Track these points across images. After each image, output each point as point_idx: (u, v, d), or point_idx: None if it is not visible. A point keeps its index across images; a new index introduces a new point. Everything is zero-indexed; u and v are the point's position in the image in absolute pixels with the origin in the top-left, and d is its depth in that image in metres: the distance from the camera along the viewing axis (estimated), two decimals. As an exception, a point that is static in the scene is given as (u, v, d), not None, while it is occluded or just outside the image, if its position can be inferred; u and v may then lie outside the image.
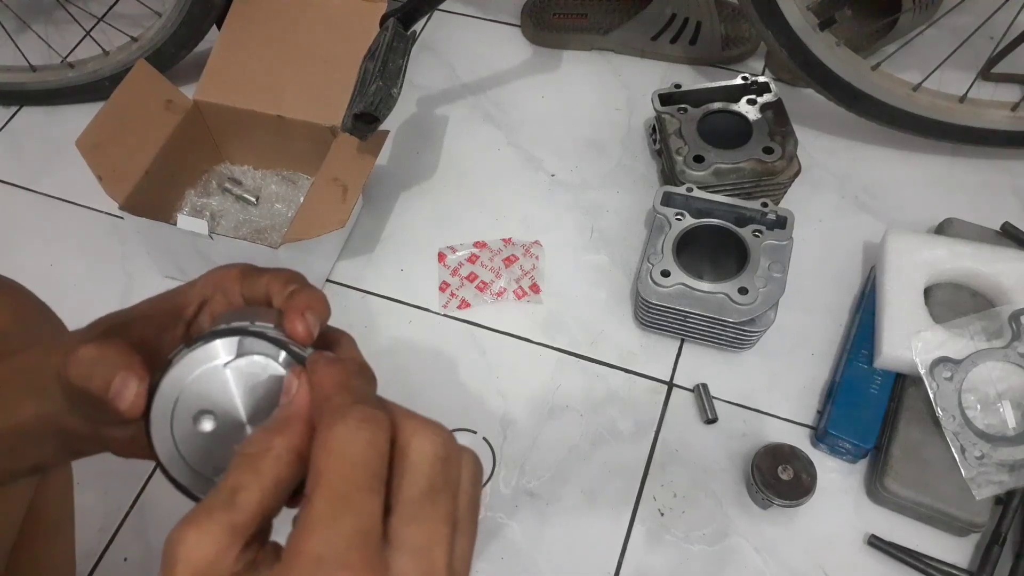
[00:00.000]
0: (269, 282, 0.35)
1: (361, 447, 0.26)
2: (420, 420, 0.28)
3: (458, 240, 0.99)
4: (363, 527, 0.25)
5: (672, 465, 0.83)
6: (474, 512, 0.29)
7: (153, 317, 0.35)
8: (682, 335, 0.90)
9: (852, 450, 0.79)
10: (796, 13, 0.89)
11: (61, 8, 1.19)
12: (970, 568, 0.75)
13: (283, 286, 0.34)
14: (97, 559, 0.81)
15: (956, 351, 0.77)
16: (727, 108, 0.95)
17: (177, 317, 0.36)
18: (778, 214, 0.86)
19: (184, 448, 0.31)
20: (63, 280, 0.99)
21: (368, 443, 0.26)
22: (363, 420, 0.26)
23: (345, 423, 0.26)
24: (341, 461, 0.26)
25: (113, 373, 0.31)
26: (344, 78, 0.88)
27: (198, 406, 0.30)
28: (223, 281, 0.36)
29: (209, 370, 0.30)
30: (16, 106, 1.18)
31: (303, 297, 0.33)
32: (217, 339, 0.30)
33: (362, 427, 0.26)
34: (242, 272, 0.36)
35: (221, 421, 0.31)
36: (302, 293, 0.33)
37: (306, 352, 0.31)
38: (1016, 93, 1.02)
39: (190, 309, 0.36)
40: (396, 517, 0.26)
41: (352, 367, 0.30)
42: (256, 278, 0.36)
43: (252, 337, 0.30)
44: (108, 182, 0.88)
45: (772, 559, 0.77)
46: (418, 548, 0.26)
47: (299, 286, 0.34)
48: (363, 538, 0.25)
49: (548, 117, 1.11)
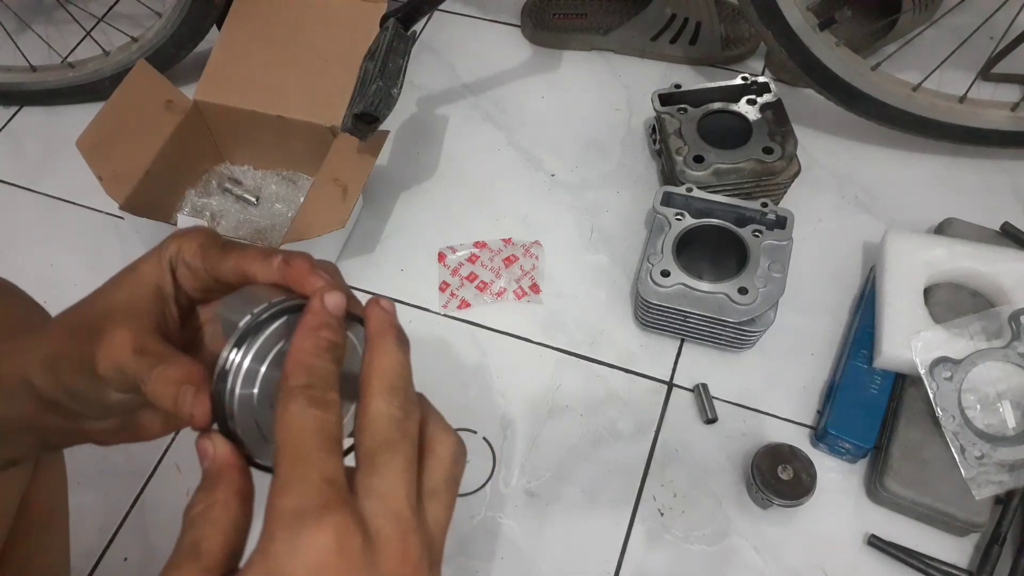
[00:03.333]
0: (239, 263, 0.35)
1: (311, 420, 0.28)
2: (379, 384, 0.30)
3: (458, 240, 0.99)
4: (328, 477, 0.27)
5: (672, 465, 0.83)
6: (452, 485, 0.31)
7: (142, 307, 0.35)
8: (682, 335, 0.90)
9: (852, 450, 0.79)
10: (796, 13, 0.89)
11: (61, 8, 1.19)
12: (970, 568, 0.75)
13: (264, 261, 0.34)
14: (97, 559, 0.81)
15: (956, 351, 0.77)
16: (727, 108, 0.95)
17: (162, 299, 0.36)
18: (778, 214, 0.86)
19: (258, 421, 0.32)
20: (63, 280, 0.99)
21: (316, 417, 0.28)
22: (309, 400, 0.28)
23: (296, 402, 0.28)
24: (297, 432, 0.28)
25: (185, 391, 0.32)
26: (344, 78, 0.88)
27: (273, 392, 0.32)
28: (184, 255, 0.36)
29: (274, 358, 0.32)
30: (16, 106, 1.18)
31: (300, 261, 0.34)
32: (266, 326, 0.32)
33: (308, 405, 0.28)
34: (200, 246, 0.36)
35: None
36: (296, 258, 0.34)
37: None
38: (1016, 93, 1.02)
39: (167, 285, 0.36)
40: (358, 470, 0.29)
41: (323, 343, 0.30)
42: (220, 257, 0.35)
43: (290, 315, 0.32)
44: (108, 182, 0.88)
45: (772, 559, 0.77)
46: (381, 493, 0.28)
47: (284, 255, 0.34)
48: (331, 485, 0.27)
49: (548, 117, 1.11)
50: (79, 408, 0.36)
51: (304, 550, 0.26)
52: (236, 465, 0.31)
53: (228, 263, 0.35)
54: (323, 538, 0.26)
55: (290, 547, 0.26)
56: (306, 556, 0.26)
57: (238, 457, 0.31)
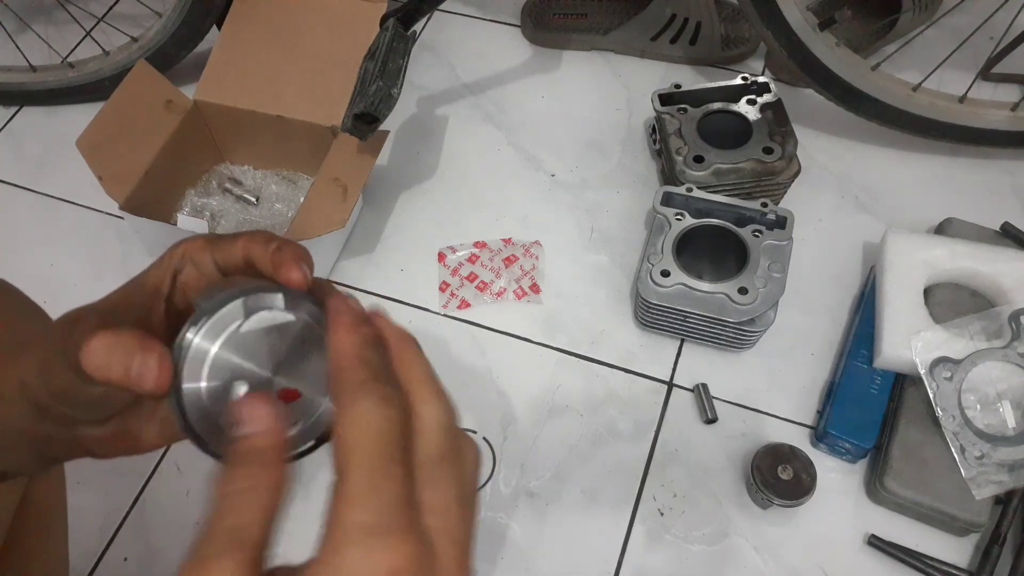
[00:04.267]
0: (247, 245, 0.35)
1: (384, 421, 0.27)
2: (429, 389, 0.30)
3: (458, 240, 0.99)
4: (400, 493, 0.26)
5: (672, 465, 0.83)
6: (475, 490, 0.30)
7: (132, 303, 0.35)
8: (682, 335, 0.90)
9: (852, 450, 0.79)
10: (796, 13, 0.89)
11: (61, 8, 1.19)
12: (970, 568, 0.75)
13: (264, 245, 0.34)
14: (97, 559, 0.81)
15: (956, 351, 0.77)
16: (727, 108, 0.95)
17: (154, 297, 0.36)
18: (778, 214, 0.86)
19: (216, 414, 0.31)
20: (63, 280, 0.99)
21: (388, 418, 0.27)
22: (382, 397, 0.27)
23: (368, 400, 0.27)
24: (369, 436, 0.26)
25: (131, 356, 0.31)
26: (344, 78, 0.88)
27: (226, 375, 0.31)
28: (190, 252, 0.36)
29: (227, 337, 0.31)
30: (16, 106, 1.18)
31: (291, 248, 0.34)
32: (222, 307, 0.31)
33: (381, 403, 0.27)
34: (208, 240, 0.36)
35: (251, 383, 0.31)
36: (289, 246, 0.34)
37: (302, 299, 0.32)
38: (1016, 93, 1.02)
39: (164, 286, 0.36)
40: (418, 483, 0.27)
41: (367, 331, 0.30)
42: (229, 243, 0.35)
43: (253, 295, 0.31)
44: (108, 182, 0.88)
45: (772, 559, 0.77)
46: (439, 508, 0.27)
47: (280, 242, 0.34)
48: (403, 503, 0.26)
49: (548, 117, 1.11)
50: (69, 409, 0.35)
51: (376, 570, 0.24)
52: (276, 445, 0.28)
53: (237, 246, 0.35)
54: (398, 561, 0.25)
55: (362, 565, 0.24)
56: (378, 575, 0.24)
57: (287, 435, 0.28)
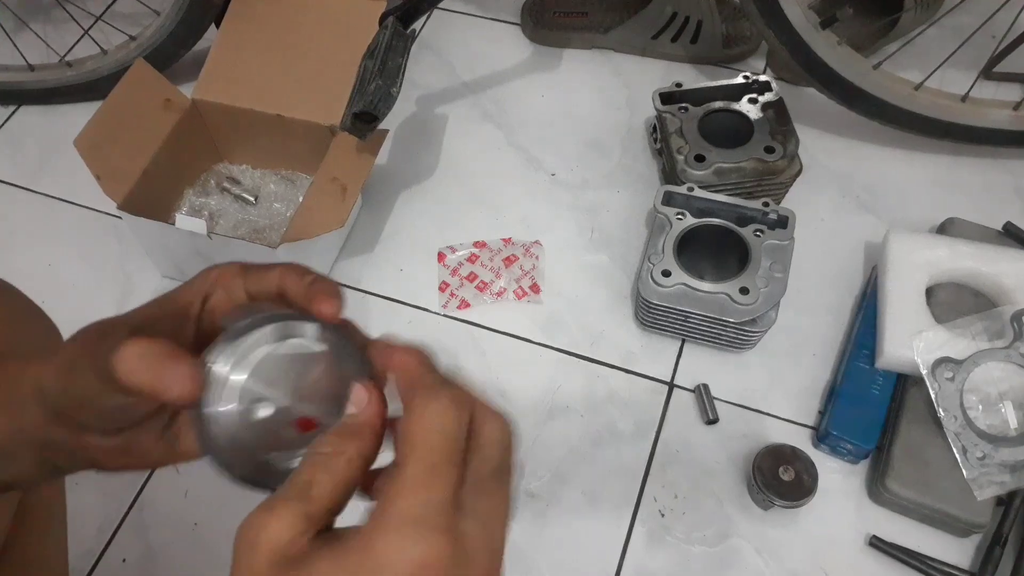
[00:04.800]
0: (283, 275, 0.36)
1: (452, 424, 0.29)
2: (492, 407, 0.32)
3: (458, 240, 0.98)
4: (450, 494, 0.28)
5: (673, 466, 0.83)
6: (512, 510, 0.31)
7: (162, 319, 0.36)
8: (683, 335, 0.90)
9: (853, 451, 0.79)
10: (797, 12, 0.89)
11: (59, 7, 1.19)
12: (971, 569, 0.75)
13: (300, 277, 0.35)
14: (96, 559, 0.80)
15: (958, 351, 0.77)
16: (728, 107, 0.95)
17: (184, 317, 0.36)
18: (779, 214, 0.85)
19: (238, 436, 0.32)
20: (62, 280, 0.99)
21: (456, 421, 0.29)
22: (453, 400, 0.29)
23: (439, 402, 0.29)
24: (435, 434, 0.28)
25: (162, 364, 0.32)
26: (344, 77, 0.88)
27: (249, 396, 0.32)
28: (223, 278, 0.36)
29: (255, 360, 0.32)
30: (14, 105, 1.18)
31: (327, 283, 0.35)
32: (254, 330, 0.32)
33: (451, 407, 0.29)
34: (243, 268, 0.37)
35: (273, 405, 0.32)
36: (325, 281, 0.35)
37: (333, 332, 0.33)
38: (1018, 92, 1.02)
39: (194, 308, 0.36)
40: (468, 489, 0.29)
41: (425, 354, 0.32)
42: (264, 273, 0.36)
43: (286, 321, 0.33)
44: (106, 181, 0.88)
45: (773, 560, 0.77)
46: (485, 518, 0.29)
47: (316, 276, 0.36)
48: (450, 504, 0.28)
49: (548, 117, 1.10)
50: (85, 417, 0.35)
51: (409, 559, 0.26)
52: (379, 429, 0.31)
53: (273, 276, 0.36)
54: (431, 555, 0.26)
55: (397, 550, 0.26)
56: (409, 564, 0.26)
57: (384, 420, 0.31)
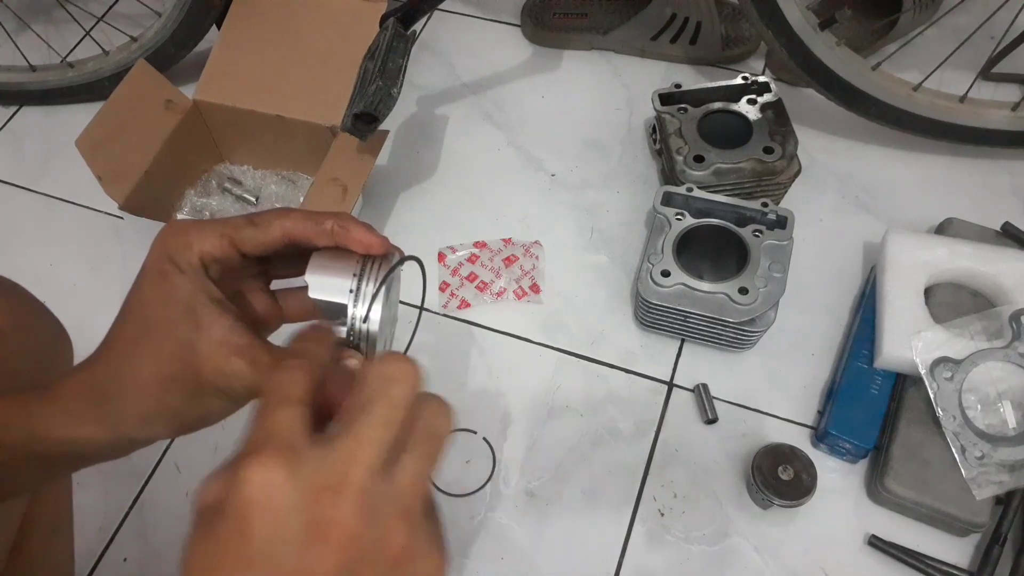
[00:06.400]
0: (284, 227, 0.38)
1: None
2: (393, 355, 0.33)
3: (458, 240, 0.98)
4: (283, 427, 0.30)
5: (672, 465, 0.83)
6: (431, 441, 0.32)
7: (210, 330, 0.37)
8: (682, 335, 0.90)
9: (852, 450, 0.79)
10: (796, 13, 0.89)
11: (61, 8, 1.19)
12: (970, 568, 0.75)
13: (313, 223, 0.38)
14: (97, 559, 0.80)
15: (956, 351, 0.77)
16: (727, 108, 0.95)
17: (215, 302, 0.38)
18: (778, 214, 0.86)
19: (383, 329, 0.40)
20: (63, 280, 0.99)
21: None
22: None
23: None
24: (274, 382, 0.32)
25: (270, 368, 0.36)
26: (344, 78, 0.88)
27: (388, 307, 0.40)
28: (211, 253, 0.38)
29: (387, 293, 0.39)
30: (16, 106, 1.18)
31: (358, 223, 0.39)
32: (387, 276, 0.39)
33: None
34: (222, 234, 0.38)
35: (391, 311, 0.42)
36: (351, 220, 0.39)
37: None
38: (1016, 93, 1.02)
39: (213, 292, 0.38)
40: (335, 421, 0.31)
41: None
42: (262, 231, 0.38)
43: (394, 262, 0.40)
44: (108, 182, 0.88)
45: (772, 559, 0.77)
46: (346, 444, 0.29)
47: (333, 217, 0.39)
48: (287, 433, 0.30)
49: (548, 117, 1.11)
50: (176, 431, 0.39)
51: (245, 481, 0.28)
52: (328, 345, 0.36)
53: (274, 232, 0.38)
54: (258, 475, 0.28)
55: (241, 474, 0.28)
56: (248, 485, 0.28)
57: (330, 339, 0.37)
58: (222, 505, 0.28)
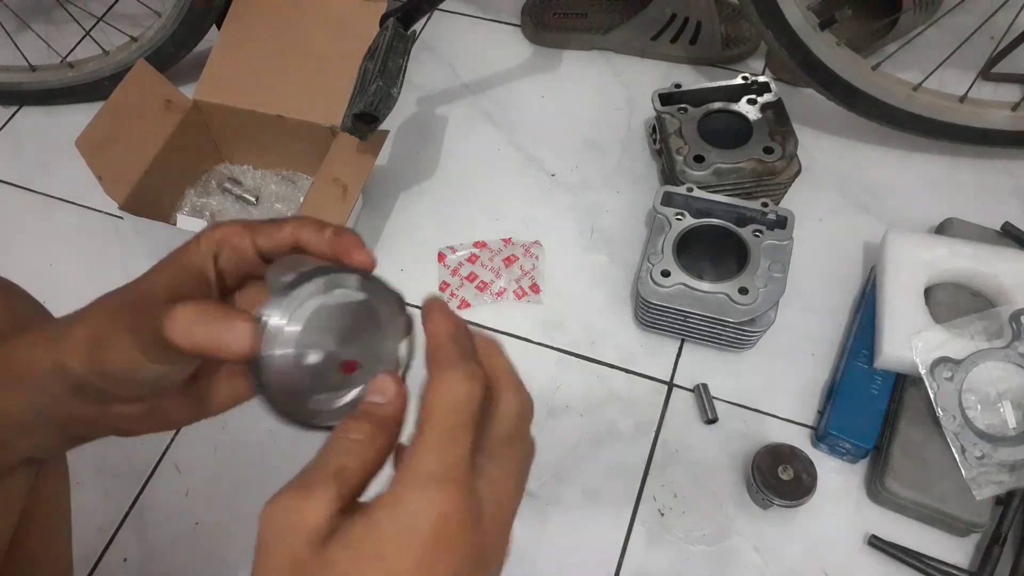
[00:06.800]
0: (297, 230, 0.37)
1: (464, 394, 0.31)
2: (513, 381, 0.35)
3: (458, 240, 0.98)
4: (464, 455, 0.31)
5: (672, 465, 0.83)
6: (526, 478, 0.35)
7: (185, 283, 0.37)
8: (682, 335, 0.90)
9: (852, 450, 0.79)
10: (796, 13, 0.89)
11: (61, 8, 1.19)
12: (970, 568, 0.75)
13: (318, 230, 0.37)
14: (97, 559, 0.80)
15: (956, 351, 0.77)
16: (727, 108, 0.95)
17: (201, 281, 0.37)
18: (778, 214, 0.86)
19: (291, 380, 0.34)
20: (63, 280, 0.99)
21: (468, 392, 0.32)
22: (467, 373, 0.32)
23: (454, 373, 0.32)
24: (449, 402, 0.31)
25: (219, 324, 0.33)
26: (344, 78, 0.88)
27: (300, 345, 0.34)
28: (228, 238, 0.38)
29: (306, 311, 0.34)
30: (16, 106, 1.18)
31: (351, 235, 0.37)
32: (304, 283, 0.34)
33: (464, 379, 0.32)
34: (247, 227, 0.38)
35: (323, 351, 0.35)
36: (347, 232, 0.37)
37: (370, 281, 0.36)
38: (1016, 93, 1.02)
39: (210, 272, 0.38)
40: (482, 454, 0.32)
41: (460, 322, 0.35)
42: (276, 229, 0.38)
43: (332, 274, 0.35)
44: (108, 182, 0.88)
45: (772, 559, 0.77)
46: (496, 480, 0.32)
47: (335, 227, 0.37)
48: (465, 464, 0.31)
49: (548, 117, 1.11)
50: (114, 389, 0.36)
51: (433, 510, 0.29)
52: (402, 417, 0.33)
53: (285, 232, 0.38)
54: (450, 506, 0.29)
55: (421, 503, 0.29)
56: (433, 515, 0.29)
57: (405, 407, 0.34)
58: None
